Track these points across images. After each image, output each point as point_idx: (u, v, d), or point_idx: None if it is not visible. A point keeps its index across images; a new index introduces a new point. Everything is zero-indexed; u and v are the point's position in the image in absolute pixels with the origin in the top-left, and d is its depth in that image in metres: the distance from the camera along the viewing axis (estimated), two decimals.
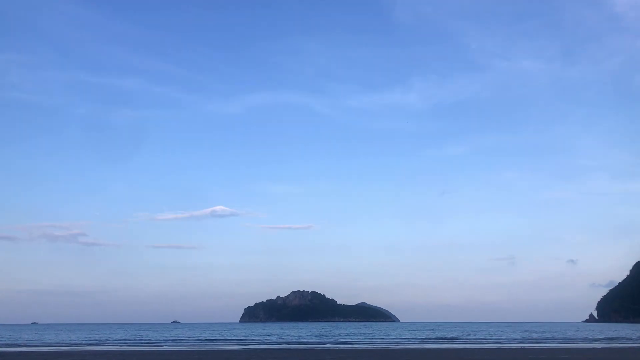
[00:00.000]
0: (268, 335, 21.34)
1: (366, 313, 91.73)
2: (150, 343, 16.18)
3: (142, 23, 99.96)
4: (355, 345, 13.54)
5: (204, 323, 76.61)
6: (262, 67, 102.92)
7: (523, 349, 11.84)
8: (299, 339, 17.91)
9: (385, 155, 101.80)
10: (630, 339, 17.08)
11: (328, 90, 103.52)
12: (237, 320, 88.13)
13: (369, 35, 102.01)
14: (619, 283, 62.52)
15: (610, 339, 16.85)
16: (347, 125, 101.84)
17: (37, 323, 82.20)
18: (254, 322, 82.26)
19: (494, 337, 18.82)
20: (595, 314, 65.83)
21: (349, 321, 79.89)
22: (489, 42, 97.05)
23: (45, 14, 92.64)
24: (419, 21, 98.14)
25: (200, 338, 19.33)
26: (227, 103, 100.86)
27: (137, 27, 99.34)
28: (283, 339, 18.17)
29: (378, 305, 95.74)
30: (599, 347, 12.69)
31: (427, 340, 17.09)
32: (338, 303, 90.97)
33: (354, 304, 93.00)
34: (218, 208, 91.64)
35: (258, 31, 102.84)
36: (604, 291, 67.62)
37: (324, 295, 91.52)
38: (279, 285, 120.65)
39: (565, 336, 20.14)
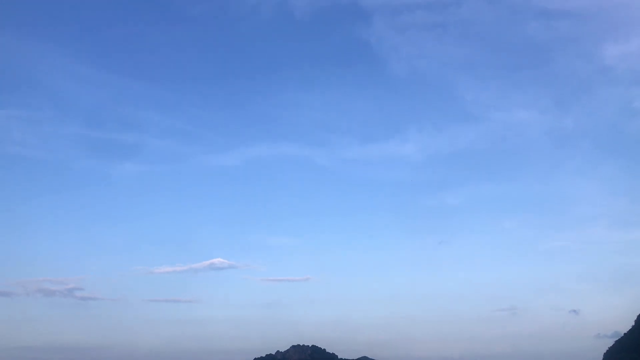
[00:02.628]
0: None
1: None
2: None
3: (142, 78, 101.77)
4: None
5: None
6: (261, 120, 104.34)
7: None
8: None
9: (383, 206, 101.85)
10: None
11: (326, 142, 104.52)
12: None
13: (366, 89, 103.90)
14: (625, 334, 61.31)
15: None
16: (345, 177, 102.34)
17: None
18: None
19: None
20: None
21: None
22: (483, 93, 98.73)
23: (47, 71, 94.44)
24: (414, 74, 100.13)
25: None
26: (227, 155, 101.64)
27: (138, 82, 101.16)
28: None
29: (380, 359, 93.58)
30: None
31: None
32: (339, 357, 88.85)
33: (355, 358, 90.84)
34: (216, 260, 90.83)
35: (257, 85, 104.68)
36: (610, 342, 66.30)
37: (324, 350, 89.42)
38: (278, 339, 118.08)
39: None
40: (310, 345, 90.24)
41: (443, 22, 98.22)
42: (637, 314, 60.59)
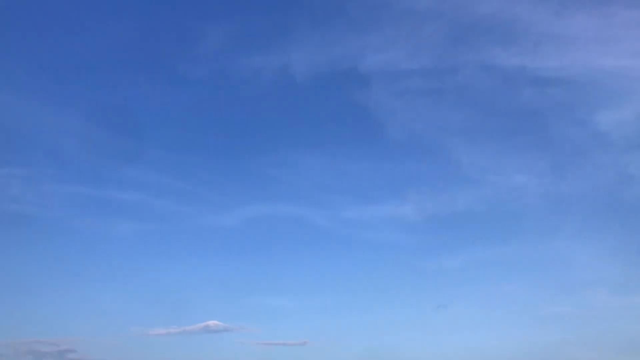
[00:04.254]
0: None
1: None
2: None
3: (142, 138, 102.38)
4: None
5: None
6: (260, 180, 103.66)
7: None
8: None
9: (381, 268, 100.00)
10: None
11: (325, 202, 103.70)
12: None
13: (365, 151, 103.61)
14: None
15: None
16: (344, 237, 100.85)
17: None
18: None
19: None
20: None
21: None
22: (480, 157, 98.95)
23: (49, 130, 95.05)
24: (412, 137, 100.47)
25: None
26: (224, 215, 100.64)
27: (138, 141, 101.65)
28: None
29: None
30: None
31: None
32: None
33: None
34: (211, 323, 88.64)
35: (257, 146, 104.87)
36: None
37: None
38: None
39: None
40: None
41: (439, 88, 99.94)
42: None
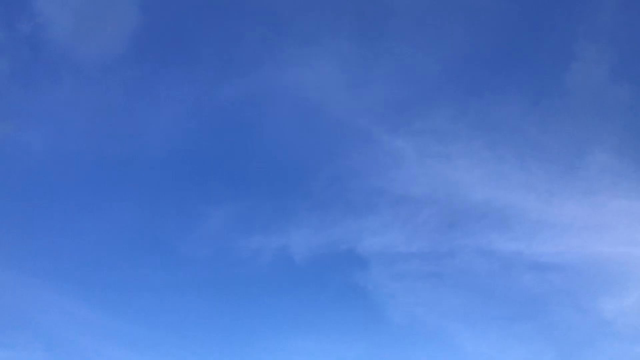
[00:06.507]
0: None
1: None
2: None
3: (137, 321, 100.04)
4: None
5: None
6: None
7: None
8: None
9: None
10: None
11: None
12: None
13: (363, 335, 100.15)
14: None
15: None
16: None
17: None
18: None
19: None
20: None
21: None
22: (483, 344, 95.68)
23: (40, 310, 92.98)
24: (412, 322, 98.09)
25: None
26: None
27: (132, 324, 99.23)
28: None
29: None
30: None
31: None
32: None
33: None
34: None
35: (251, 328, 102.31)
36: None
37: None
38: None
39: None
40: None
41: (438, 271, 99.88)
42: None
